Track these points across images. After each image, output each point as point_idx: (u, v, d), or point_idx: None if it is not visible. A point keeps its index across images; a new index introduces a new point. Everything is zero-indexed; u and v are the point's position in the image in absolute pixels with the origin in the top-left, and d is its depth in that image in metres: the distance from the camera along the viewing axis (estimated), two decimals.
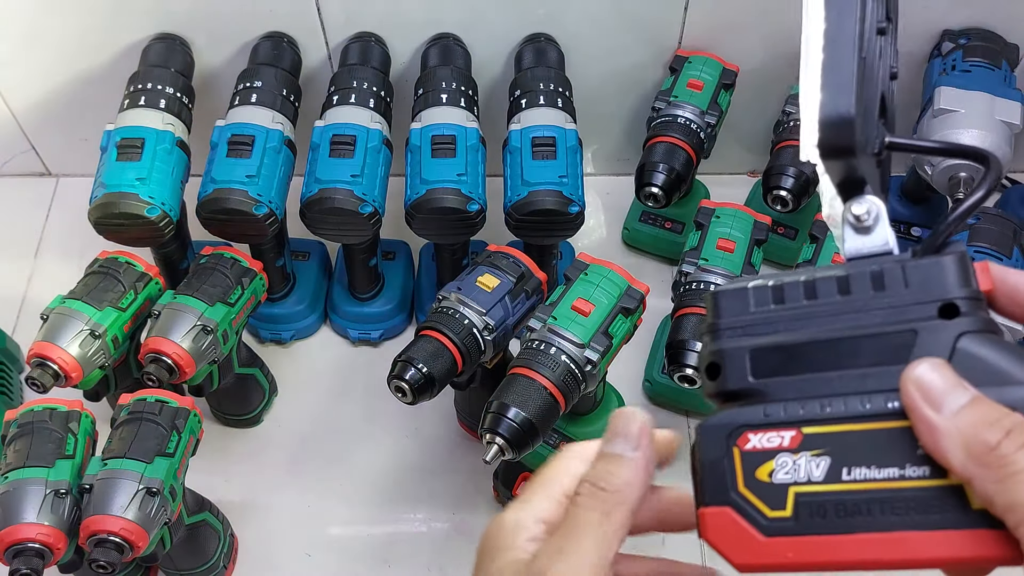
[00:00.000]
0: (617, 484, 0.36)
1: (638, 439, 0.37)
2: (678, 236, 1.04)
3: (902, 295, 0.33)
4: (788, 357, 0.34)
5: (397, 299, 1.00)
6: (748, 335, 0.35)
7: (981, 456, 0.30)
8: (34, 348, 0.76)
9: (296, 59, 0.96)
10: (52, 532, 0.67)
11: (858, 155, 0.33)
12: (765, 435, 0.34)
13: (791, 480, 0.33)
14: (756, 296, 0.35)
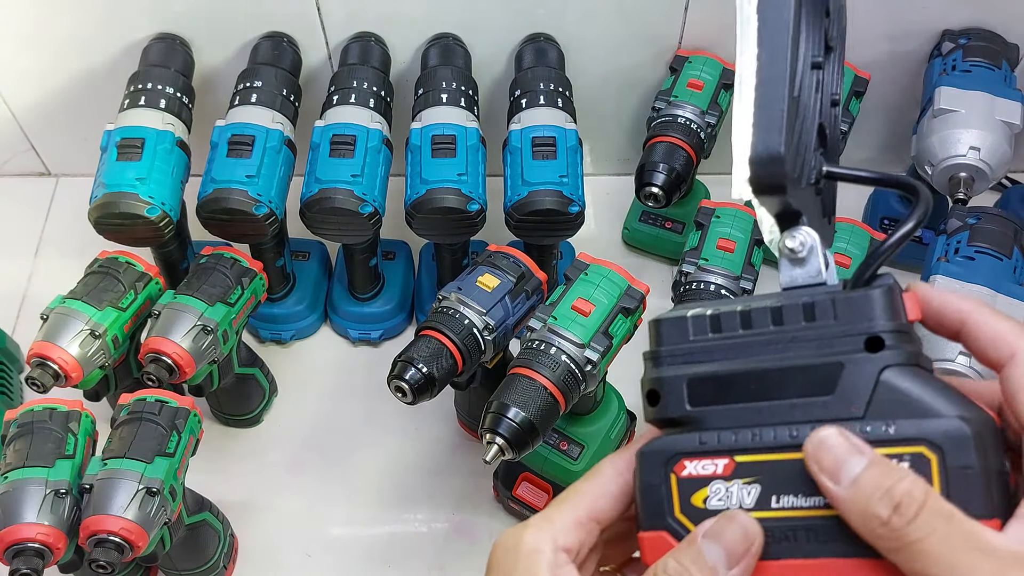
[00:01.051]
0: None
1: (739, 560, 0.33)
2: (678, 236, 1.04)
3: (831, 327, 0.34)
4: (723, 386, 0.35)
5: (397, 299, 1.00)
6: (687, 363, 0.37)
7: (875, 529, 0.31)
8: (34, 348, 0.76)
9: (296, 59, 0.96)
10: (52, 532, 0.67)
11: (790, 190, 0.34)
12: (700, 462, 0.35)
13: (724, 507, 0.34)
14: (695, 325, 0.37)
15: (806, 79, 0.36)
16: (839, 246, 0.84)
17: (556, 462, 0.82)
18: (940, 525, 0.30)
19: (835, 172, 0.38)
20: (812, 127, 0.37)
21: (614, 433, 0.86)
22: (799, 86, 0.35)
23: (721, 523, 0.34)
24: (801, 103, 0.36)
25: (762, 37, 0.35)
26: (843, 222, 0.86)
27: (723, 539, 0.33)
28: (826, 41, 0.38)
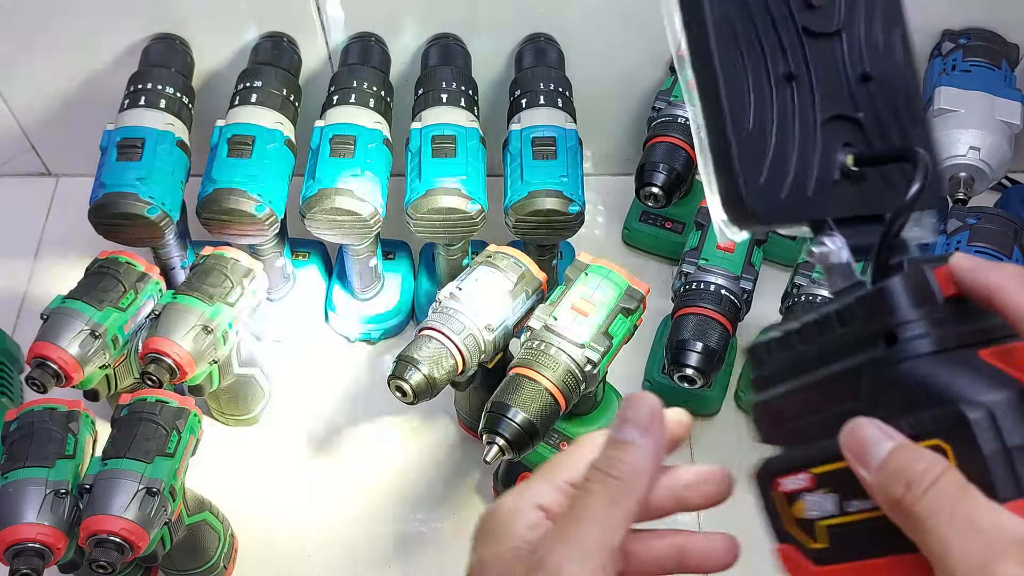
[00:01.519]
0: (625, 471, 0.36)
1: (648, 424, 0.37)
2: (678, 236, 1.04)
3: (856, 330, 0.35)
4: (790, 403, 0.37)
5: (397, 299, 1.00)
6: (769, 386, 0.38)
7: (892, 509, 0.31)
8: (34, 348, 0.76)
9: (296, 59, 0.96)
10: (52, 532, 0.67)
11: (769, 217, 0.36)
12: (790, 479, 0.37)
13: (817, 515, 0.35)
14: (769, 347, 0.38)
15: (777, 95, 0.37)
16: None
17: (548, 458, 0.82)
18: (946, 504, 0.30)
19: (864, 156, 0.38)
20: (811, 131, 0.37)
21: None
22: (758, 115, 0.36)
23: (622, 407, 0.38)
24: (777, 122, 0.36)
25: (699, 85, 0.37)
26: None
27: (624, 414, 0.37)
28: (807, 32, 0.38)
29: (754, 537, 0.39)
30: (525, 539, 0.36)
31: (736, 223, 0.37)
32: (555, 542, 0.35)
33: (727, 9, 0.37)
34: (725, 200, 0.36)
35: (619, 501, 0.36)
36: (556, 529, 0.36)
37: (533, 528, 0.37)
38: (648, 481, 0.37)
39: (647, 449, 0.37)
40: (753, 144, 0.36)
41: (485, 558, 0.37)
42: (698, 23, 0.38)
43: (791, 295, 0.84)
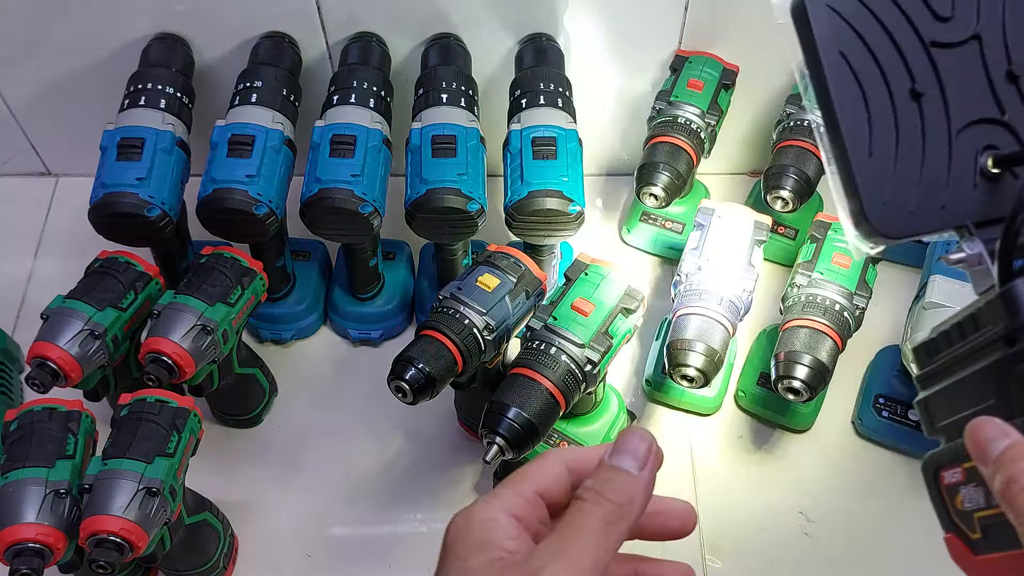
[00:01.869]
0: (622, 498, 0.37)
1: (645, 459, 0.38)
2: (678, 236, 1.04)
3: (989, 332, 0.36)
4: (955, 397, 0.38)
5: (397, 299, 1.00)
6: (931, 383, 0.40)
7: (1002, 503, 0.33)
8: (34, 348, 0.76)
9: (296, 59, 0.96)
10: (52, 532, 0.67)
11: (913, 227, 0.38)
12: (950, 471, 0.38)
13: (972, 507, 0.37)
14: (925, 350, 0.40)
15: (902, 115, 0.38)
16: (839, 246, 0.84)
17: None
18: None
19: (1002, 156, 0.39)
20: (944, 142, 0.39)
21: (614, 433, 0.86)
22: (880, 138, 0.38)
23: (620, 438, 0.39)
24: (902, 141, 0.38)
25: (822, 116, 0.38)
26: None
27: (623, 445, 0.39)
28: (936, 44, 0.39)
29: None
30: (507, 549, 0.37)
31: (868, 239, 0.39)
32: (552, 556, 0.36)
33: (841, 44, 0.39)
34: (855, 220, 0.39)
35: (614, 524, 0.37)
36: (553, 543, 0.37)
37: (513, 539, 0.38)
38: (640, 513, 0.38)
39: (642, 481, 0.38)
40: (877, 165, 0.38)
41: (471, 567, 0.37)
42: (814, 59, 0.39)
43: (791, 295, 0.84)
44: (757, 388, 0.94)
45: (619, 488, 0.38)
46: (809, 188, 0.90)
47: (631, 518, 0.37)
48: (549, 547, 0.36)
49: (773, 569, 0.88)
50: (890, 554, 0.88)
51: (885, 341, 0.97)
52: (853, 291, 0.82)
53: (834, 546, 0.89)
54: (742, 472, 0.93)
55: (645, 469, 0.38)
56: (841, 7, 0.38)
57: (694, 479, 0.92)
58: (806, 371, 0.79)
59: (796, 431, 0.95)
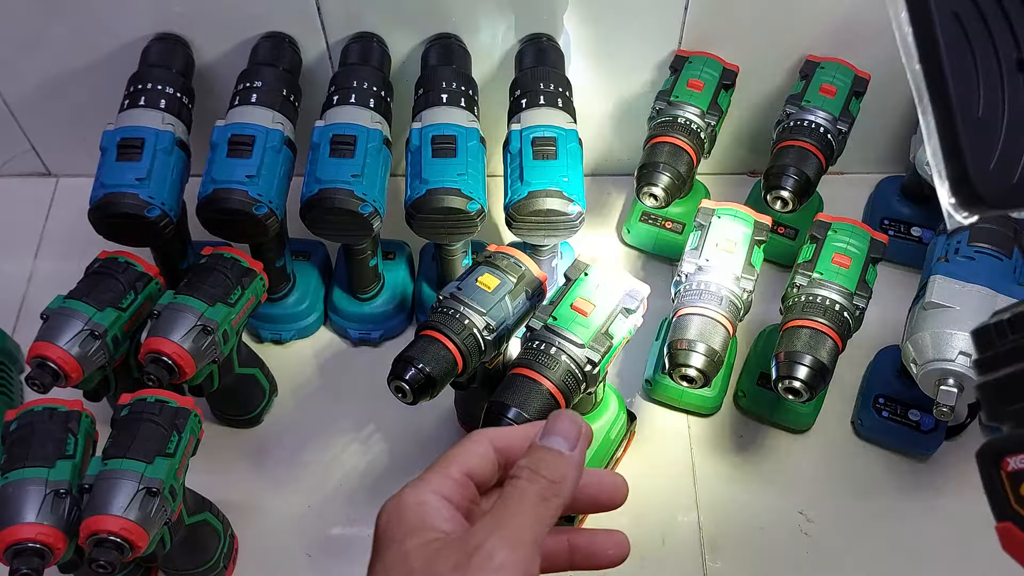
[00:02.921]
0: (556, 475, 0.39)
1: (575, 440, 0.40)
2: (678, 236, 1.04)
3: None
4: (1011, 387, 0.38)
5: (397, 299, 1.00)
6: (994, 368, 0.40)
7: None
8: (34, 348, 0.76)
9: (296, 59, 0.96)
10: (52, 532, 0.67)
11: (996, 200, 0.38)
12: (1017, 458, 0.37)
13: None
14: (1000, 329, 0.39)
15: (1009, 82, 0.38)
16: (839, 246, 0.84)
17: None
18: None
19: None
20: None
21: (614, 433, 0.86)
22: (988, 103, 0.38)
23: (551, 421, 0.40)
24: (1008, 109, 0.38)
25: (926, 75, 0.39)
26: (843, 222, 0.86)
27: (554, 427, 0.40)
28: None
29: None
30: (442, 530, 0.38)
31: (966, 207, 0.38)
32: (490, 530, 0.37)
33: (954, 6, 0.38)
34: (954, 185, 0.38)
35: (548, 500, 0.38)
36: (490, 520, 0.37)
37: (447, 520, 0.39)
38: (572, 487, 0.39)
39: (574, 460, 0.40)
40: (983, 130, 0.37)
41: (408, 549, 0.38)
42: (925, 17, 0.39)
43: (791, 295, 0.84)
44: (757, 388, 0.94)
45: (552, 466, 0.39)
46: (809, 188, 0.90)
47: (564, 494, 0.39)
48: (487, 523, 0.37)
49: (773, 569, 0.88)
50: (890, 554, 0.88)
51: (885, 341, 0.97)
52: (853, 291, 0.82)
53: (834, 546, 0.89)
54: (742, 472, 0.93)
55: (576, 449, 0.40)
56: None
57: (694, 479, 0.92)
58: (806, 371, 0.79)
59: (796, 431, 0.95)
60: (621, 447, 0.91)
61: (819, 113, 0.92)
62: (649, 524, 0.90)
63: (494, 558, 0.36)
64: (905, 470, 0.93)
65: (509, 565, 0.36)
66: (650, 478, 0.93)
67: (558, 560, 0.43)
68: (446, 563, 0.36)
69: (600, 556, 0.44)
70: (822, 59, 0.96)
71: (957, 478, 0.92)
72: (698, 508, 0.91)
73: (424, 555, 0.37)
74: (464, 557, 0.36)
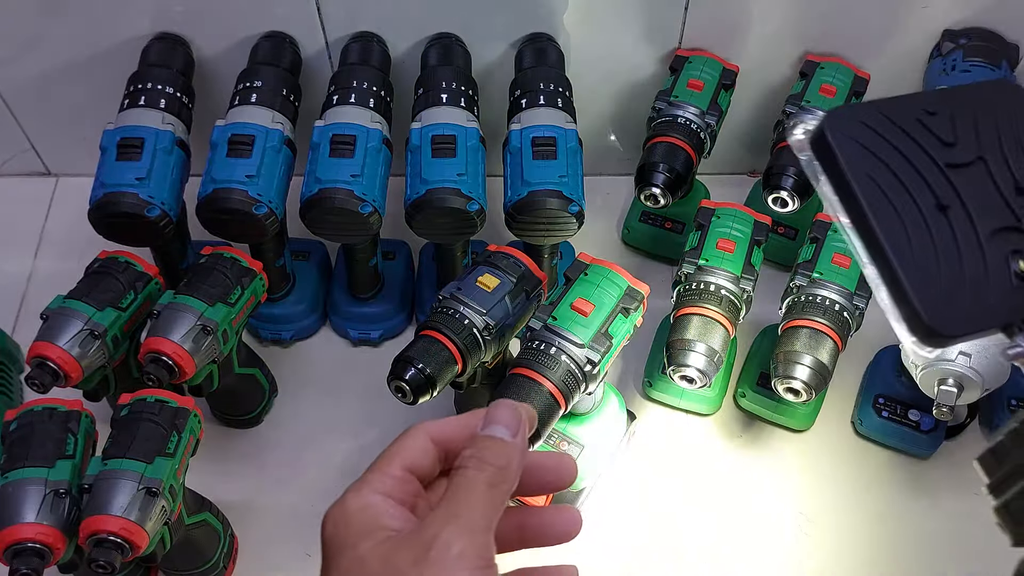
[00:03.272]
0: (501, 462, 0.39)
1: (517, 428, 0.41)
2: (678, 236, 1.04)
3: None
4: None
5: (397, 299, 1.00)
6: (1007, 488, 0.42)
7: None
8: (34, 348, 0.76)
9: (296, 59, 0.96)
10: (52, 532, 0.67)
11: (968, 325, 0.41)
12: None
13: None
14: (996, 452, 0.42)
15: (934, 224, 0.41)
16: (839, 246, 0.84)
17: None
18: None
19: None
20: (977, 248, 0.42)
21: (614, 433, 0.86)
22: (920, 246, 0.41)
23: (491, 410, 0.41)
24: (940, 248, 0.41)
25: (860, 235, 0.42)
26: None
27: (495, 416, 0.41)
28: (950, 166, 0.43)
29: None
30: (392, 528, 0.38)
31: (927, 342, 0.41)
32: (444, 521, 0.37)
33: (867, 169, 0.42)
34: (910, 324, 0.41)
35: (497, 485, 0.39)
36: (442, 510, 0.38)
37: (395, 518, 0.39)
38: (518, 471, 0.40)
39: (517, 445, 0.40)
40: (922, 269, 0.40)
41: (363, 553, 0.38)
42: (843, 181, 0.42)
43: (791, 295, 0.84)
44: (757, 388, 0.94)
45: (497, 454, 0.40)
46: (809, 188, 0.90)
47: (511, 479, 0.40)
48: (440, 515, 0.37)
49: (773, 569, 0.88)
50: (889, 554, 0.88)
51: (885, 341, 0.97)
52: (853, 291, 0.82)
53: (834, 546, 0.89)
54: (742, 472, 0.93)
55: (518, 435, 0.40)
56: (859, 137, 0.42)
57: (694, 479, 0.92)
58: (806, 371, 0.79)
59: (796, 431, 0.95)
60: (621, 447, 0.91)
61: (819, 113, 0.92)
62: (649, 524, 0.90)
63: (452, 548, 0.36)
64: (905, 470, 0.93)
65: (468, 553, 0.36)
66: (650, 478, 0.93)
67: (509, 540, 0.44)
68: (404, 559, 0.36)
69: (551, 533, 0.44)
70: (822, 59, 0.97)
71: (957, 478, 0.92)
72: (698, 508, 0.91)
73: (380, 555, 0.37)
74: (422, 551, 0.36)
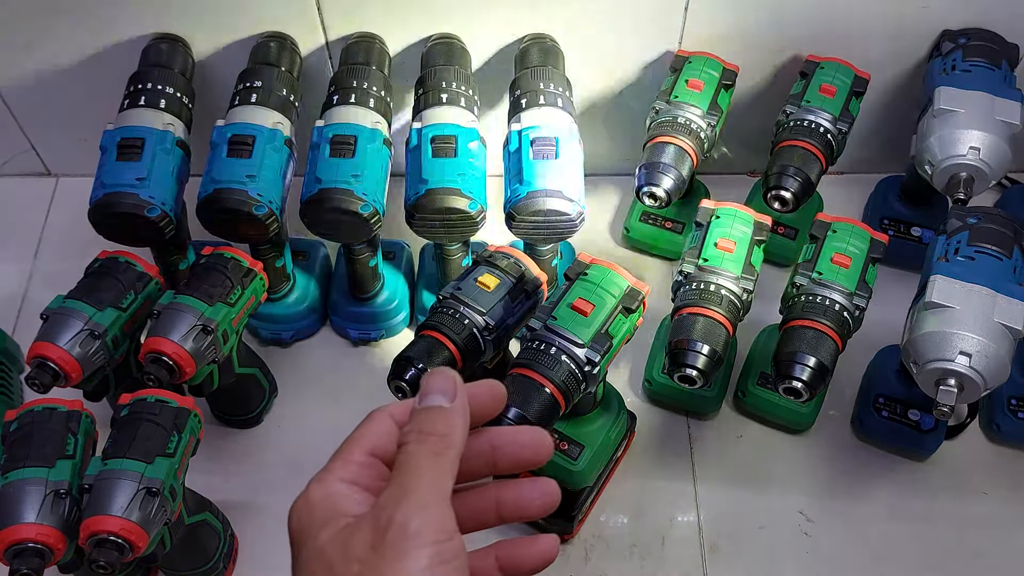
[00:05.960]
0: (441, 429, 0.39)
1: (453, 391, 0.40)
2: (678, 236, 1.04)
3: None
4: None
5: (397, 299, 1.00)
6: None
7: None
8: (34, 348, 0.76)
9: (296, 59, 0.96)
10: (52, 532, 0.67)
11: None
12: None
13: None
14: None
15: None
16: (839, 246, 0.84)
17: (556, 462, 0.82)
18: None
19: None
20: None
21: (614, 433, 0.86)
22: None
23: (424, 383, 0.40)
24: None
25: None
26: (843, 222, 0.86)
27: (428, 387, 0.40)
28: None
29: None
30: (355, 514, 0.38)
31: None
32: (394, 502, 0.36)
33: None
34: None
35: (442, 453, 0.38)
36: (392, 490, 0.37)
37: (359, 504, 0.38)
38: (462, 438, 0.39)
39: (456, 409, 0.39)
40: None
41: (322, 544, 0.37)
42: None
43: (791, 295, 0.84)
44: (757, 388, 0.94)
45: (436, 422, 0.39)
46: (809, 188, 0.90)
47: (456, 443, 0.39)
48: (390, 495, 0.37)
49: (773, 569, 0.88)
50: (890, 554, 0.88)
51: (885, 341, 0.97)
52: (853, 291, 0.82)
53: (834, 546, 0.89)
54: (742, 472, 0.93)
55: (456, 400, 0.40)
56: None
57: (694, 479, 0.92)
58: (806, 371, 0.79)
59: (796, 431, 0.95)
60: (621, 447, 0.91)
61: (819, 113, 0.92)
62: (649, 524, 0.90)
63: (408, 527, 0.35)
64: (905, 470, 0.93)
65: (425, 529, 0.35)
66: (650, 478, 0.93)
67: (486, 517, 0.43)
68: (362, 545, 0.36)
69: (528, 507, 0.43)
70: (822, 59, 0.96)
71: (957, 478, 0.92)
72: (698, 508, 0.91)
73: (338, 543, 0.37)
74: (378, 535, 0.36)
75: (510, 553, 0.43)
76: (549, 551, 0.43)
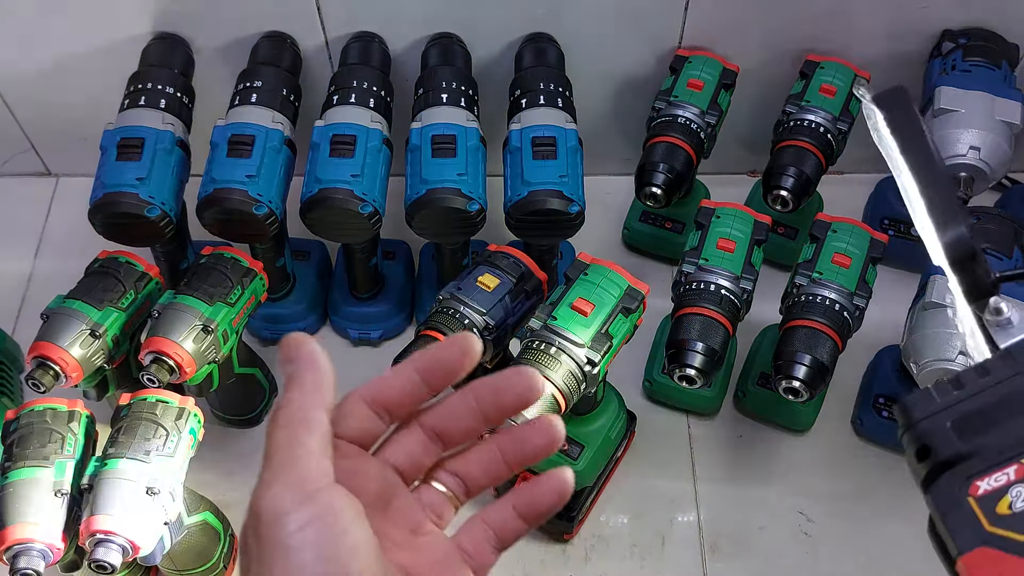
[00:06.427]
0: (286, 400, 0.37)
1: (292, 355, 0.38)
2: (678, 236, 1.04)
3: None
4: (983, 419, 0.41)
5: (397, 299, 1.00)
6: (942, 418, 0.42)
7: None
8: (34, 348, 0.76)
9: (296, 59, 0.96)
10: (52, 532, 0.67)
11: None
12: (991, 477, 0.39)
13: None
14: (938, 391, 0.42)
15: None
16: (839, 246, 0.84)
17: (556, 462, 0.82)
18: None
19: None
20: None
21: (614, 433, 0.86)
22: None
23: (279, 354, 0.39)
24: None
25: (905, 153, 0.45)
26: (843, 222, 0.86)
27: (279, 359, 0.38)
28: None
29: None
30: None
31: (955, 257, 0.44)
32: (261, 490, 0.35)
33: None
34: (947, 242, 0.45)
35: (295, 429, 0.37)
36: (258, 483, 0.36)
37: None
38: (313, 402, 0.37)
39: (298, 375, 0.38)
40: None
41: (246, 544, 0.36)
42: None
43: (791, 295, 0.84)
44: (757, 388, 0.94)
45: (283, 395, 0.38)
46: (809, 188, 0.90)
47: (305, 411, 0.37)
48: (257, 487, 0.36)
49: (773, 569, 0.88)
50: (889, 554, 0.88)
51: (885, 341, 0.97)
52: (853, 291, 0.82)
53: (834, 546, 0.89)
54: (742, 472, 0.93)
55: (296, 362, 0.38)
56: None
57: (694, 479, 0.92)
58: (806, 371, 0.79)
59: (796, 431, 0.95)
60: (621, 447, 0.91)
61: (819, 113, 0.92)
62: (649, 524, 0.90)
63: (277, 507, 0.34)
64: (905, 470, 0.92)
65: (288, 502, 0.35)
66: (650, 478, 0.93)
67: (496, 469, 0.42)
68: (251, 539, 0.35)
69: (530, 449, 0.41)
70: (822, 59, 0.96)
71: None
72: (698, 508, 0.91)
73: (244, 543, 0.36)
74: (257, 524, 0.35)
75: (525, 498, 0.42)
76: (562, 485, 0.42)
